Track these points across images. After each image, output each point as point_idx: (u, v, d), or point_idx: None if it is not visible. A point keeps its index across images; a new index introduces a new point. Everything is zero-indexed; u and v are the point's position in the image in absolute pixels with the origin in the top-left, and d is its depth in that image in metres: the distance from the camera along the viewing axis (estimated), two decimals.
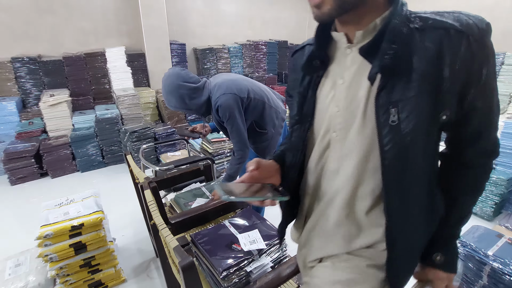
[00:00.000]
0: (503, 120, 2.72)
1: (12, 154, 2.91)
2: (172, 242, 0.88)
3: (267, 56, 5.25)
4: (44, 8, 3.52)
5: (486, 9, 3.75)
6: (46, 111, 3.24)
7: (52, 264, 1.48)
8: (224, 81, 1.52)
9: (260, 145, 1.70)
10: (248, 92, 1.53)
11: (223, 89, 1.48)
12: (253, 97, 1.55)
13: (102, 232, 1.57)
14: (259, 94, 1.59)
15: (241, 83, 1.54)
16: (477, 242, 1.67)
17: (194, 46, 4.75)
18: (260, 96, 1.59)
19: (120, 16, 4.02)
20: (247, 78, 1.66)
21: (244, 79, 1.61)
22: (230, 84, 1.51)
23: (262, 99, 1.59)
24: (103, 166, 3.45)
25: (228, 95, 1.46)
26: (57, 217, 1.51)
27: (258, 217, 1.23)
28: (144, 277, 1.84)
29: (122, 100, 3.57)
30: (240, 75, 1.71)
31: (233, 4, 5.05)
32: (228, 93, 1.46)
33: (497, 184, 2.39)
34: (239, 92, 1.49)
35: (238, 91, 1.49)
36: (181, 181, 1.77)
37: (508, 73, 3.41)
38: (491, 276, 1.58)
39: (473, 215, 2.54)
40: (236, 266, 0.96)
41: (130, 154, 1.75)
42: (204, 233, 1.14)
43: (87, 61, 3.71)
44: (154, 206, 1.09)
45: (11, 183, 2.99)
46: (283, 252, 1.09)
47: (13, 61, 3.33)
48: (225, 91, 1.47)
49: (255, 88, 1.59)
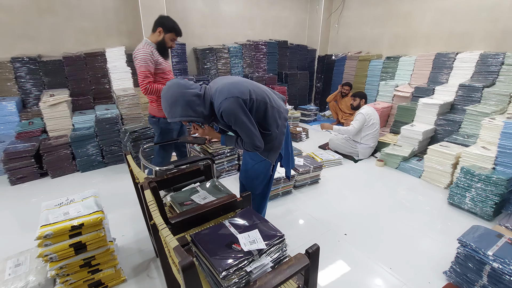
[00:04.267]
0: (503, 120, 2.72)
1: (12, 154, 2.91)
2: (172, 242, 0.88)
3: (267, 56, 5.25)
4: (44, 8, 3.52)
5: (486, 9, 3.76)
6: (46, 111, 3.24)
7: (52, 264, 1.48)
8: (225, 85, 1.51)
9: (265, 147, 1.67)
10: (250, 93, 1.52)
11: (225, 93, 1.46)
12: (255, 98, 1.54)
13: (102, 232, 1.57)
14: (261, 94, 1.58)
15: (242, 85, 1.53)
16: (477, 242, 1.66)
17: (194, 46, 4.75)
18: (261, 96, 1.58)
19: (120, 16, 4.02)
20: (247, 80, 1.64)
21: (245, 81, 1.60)
22: (231, 87, 1.49)
23: (264, 100, 1.58)
24: (103, 166, 3.45)
25: (230, 99, 1.45)
26: (57, 217, 1.51)
27: (258, 217, 1.23)
28: (144, 277, 1.84)
29: (122, 100, 3.57)
30: (239, 77, 1.70)
31: (233, 4, 5.05)
32: (230, 97, 1.45)
33: (497, 184, 2.39)
34: (241, 94, 1.48)
35: (240, 94, 1.48)
36: (181, 181, 1.77)
37: (508, 73, 3.41)
38: (491, 276, 1.58)
39: (473, 215, 2.54)
40: (236, 266, 0.96)
41: (130, 154, 1.75)
42: (204, 233, 1.14)
43: (87, 61, 3.72)
44: (154, 206, 1.09)
45: (11, 183, 2.99)
46: (283, 252, 1.09)
47: (13, 61, 3.33)
48: (227, 95, 1.46)
49: (256, 89, 1.58)
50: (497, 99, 3.31)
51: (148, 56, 2.19)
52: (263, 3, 5.39)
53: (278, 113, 1.66)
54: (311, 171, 2.99)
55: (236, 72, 4.96)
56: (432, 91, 3.94)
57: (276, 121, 1.64)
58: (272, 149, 1.70)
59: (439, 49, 4.26)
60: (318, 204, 2.69)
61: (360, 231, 2.32)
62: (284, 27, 5.80)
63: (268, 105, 1.59)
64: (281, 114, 1.68)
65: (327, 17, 5.90)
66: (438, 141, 3.41)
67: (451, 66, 3.95)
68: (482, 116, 3.13)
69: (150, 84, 2.20)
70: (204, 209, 1.33)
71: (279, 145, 1.71)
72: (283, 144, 1.77)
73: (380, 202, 2.75)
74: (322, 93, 6.24)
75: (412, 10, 4.60)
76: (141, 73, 2.18)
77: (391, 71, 4.78)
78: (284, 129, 1.72)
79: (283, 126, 1.71)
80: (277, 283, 0.93)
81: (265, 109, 1.58)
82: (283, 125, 1.71)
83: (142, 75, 2.18)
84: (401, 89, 4.37)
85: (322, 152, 3.70)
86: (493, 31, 3.74)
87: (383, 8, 5.03)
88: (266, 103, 1.58)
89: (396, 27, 4.89)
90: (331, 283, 1.81)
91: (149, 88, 2.20)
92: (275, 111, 1.64)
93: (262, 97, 1.57)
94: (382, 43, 5.18)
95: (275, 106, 1.64)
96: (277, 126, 1.65)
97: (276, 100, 1.70)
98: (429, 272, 1.90)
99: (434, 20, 4.34)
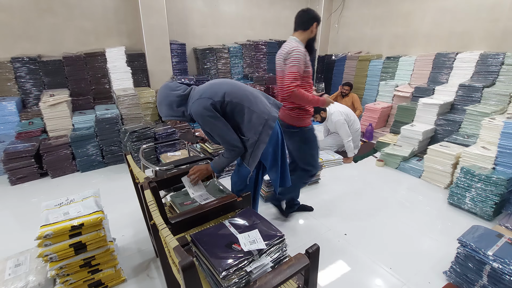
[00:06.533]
0: (503, 120, 2.72)
1: (12, 154, 2.91)
2: (172, 242, 0.88)
3: (267, 56, 5.25)
4: (44, 8, 3.52)
5: (486, 9, 3.76)
6: (46, 111, 3.24)
7: (52, 264, 1.48)
8: (204, 87, 1.54)
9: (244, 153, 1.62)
10: (224, 95, 1.49)
11: (198, 94, 1.50)
12: (229, 100, 1.50)
13: (102, 232, 1.57)
14: (239, 97, 1.52)
15: (219, 87, 1.53)
16: (477, 242, 1.66)
17: (194, 46, 4.75)
18: (239, 99, 1.52)
19: (120, 16, 4.02)
20: (231, 82, 1.60)
21: (225, 83, 1.57)
22: (207, 89, 1.52)
23: (241, 103, 1.52)
24: (103, 166, 3.45)
25: (200, 100, 1.47)
26: (57, 217, 1.51)
27: (258, 217, 1.23)
28: (144, 277, 1.84)
29: (122, 100, 3.57)
30: (227, 79, 1.65)
31: (233, 4, 5.05)
32: (201, 98, 1.47)
33: (497, 184, 2.39)
34: (212, 95, 1.48)
35: (211, 95, 1.48)
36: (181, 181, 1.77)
37: (508, 73, 3.41)
38: (491, 276, 1.58)
39: (473, 215, 2.54)
40: (236, 266, 0.96)
41: (130, 154, 1.75)
42: (204, 233, 1.14)
43: (87, 61, 3.72)
44: (154, 206, 1.09)
45: (11, 183, 2.99)
46: (283, 252, 1.09)
47: (13, 61, 3.33)
48: (199, 96, 1.48)
49: (236, 91, 1.53)
50: (497, 99, 3.31)
51: (302, 56, 1.91)
52: (263, 3, 5.39)
53: (260, 119, 1.54)
54: None
55: (236, 72, 4.96)
56: (432, 91, 3.93)
57: (255, 127, 1.54)
58: (250, 156, 1.60)
59: (439, 49, 4.26)
60: (318, 204, 2.69)
61: (360, 231, 2.32)
62: (284, 27, 5.80)
63: (246, 108, 1.52)
64: (264, 121, 1.54)
65: (327, 17, 5.90)
66: (438, 141, 3.41)
67: (451, 66, 3.95)
68: (482, 116, 3.13)
69: (297, 88, 1.90)
70: (204, 209, 1.33)
71: (258, 154, 1.60)
72: (269, 155, 1.68)
73: (380, 202, 2.75)
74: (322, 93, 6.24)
75: (412, 10, 4.60)
76: (291, 74, 1.88)
77: (391, 71, 4.78)
78: (266, 137, 1.56)
79: (265, 134, 1.56)
80: (277, 283, 0.93)
81: (242, 112, 1.53)
82: (266, 133, 1.55)
83: (292, 77, 1.88)
84: (401, 89, 4.37)
85: (322, 152, 3.70)
86: (493, 31, 3.74)
87: (383, 8, 5.03)
88: (243, 106, 1.52)
89: (396, 27, 4.89)
90: (331, 283, 1.81)
91: (296, 93, 1.89)
92: (255, 116, 1.53)
93: (239, 99, 1.52)
94: (382, 43, 5.17)
95: (257, 111, 1.53)
96: (256, 133, 1.54)
97: (263, 105, 1.58)
98: (429, 272, 1.90)
99: (434, 20, 4.34)
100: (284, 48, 1.98)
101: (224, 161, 1.60)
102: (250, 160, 1.61)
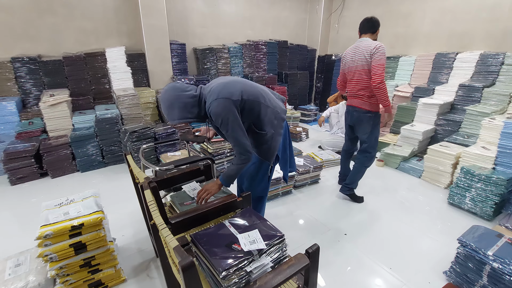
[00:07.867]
0: (503, 120, 2.72)
1: (12, 154, 2.91)
2: (172, 242, 0.88)
3: (267, 56, 5.25)
4: (44, 8, 3.52)
5: (486, 9, 3.76)
6: (46, 111, 3.24)
7: (52, 264, 1.48)
8: (217, 86, 1.52)
9: (261, 147, 1.68)
10: (241, 94, 1.51)
11: (215, 94, 1.48)
12: (247, 99, 1.52)
13: (102, 232, 1.57)
14: (254, 94, 1.57)
15: (234, 86, 1.53)
16: (477, 242, 1.66)
17: (194, 46, 4.75)
18: (255, 96, 1.57)
19: (120, 16, 4.02)
20: (241, 80, 1.63)
21: (238, 81, 1.59)
22: (222, 88, 1.50)
23: (257, 99, 1.57)
24: (103, 166, 3.45)
25: (220, 100, 1.45)
26: (57, 217, 1.51)
27: (258, 217, 1.23)
28: (144, 277, 1.84)
29: (122, 100, 3.57)
30: (235, 77, 1.69)
31: (233, 4, 5.05)
32: (220, 98, 1.46)
33: (497, 184, 2.39)
34: (230, 95, 1.47)
35: (229, 95, 1.47)
36: (181, 181, 1.77)
37: (508, 73, 3.41)
38: (491, 276, 1.58)
39: (473, 215, 2.54)
40: (236, 266, 0.96)
41: (130, 154, 1.75)
42: (204, 233, 1.14)
43: (87, 61, 3.72)
44: (154, 206, 1.09)
45: (11, 183, 2.99)
46: (283, 252, 1.09)
47: (13, 61, 3.33)
48: (217, 96, 1.47)
49: (250, 89, 1.57)
50: (497, 99, 3.31)
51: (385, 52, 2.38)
52: (263, 3, 5.39)
53: (274, 113, 1.65)
54: (311, 171, 2.99)
55: (236, 72, 4.96)
56: (432, 91, 3.93)
57: (271, 121, 1.64)
58: (269, 150, 1.69)
59: (439, 49, 4.26)
60: (318, 204, 2.69)
61: (360, 231, 2.32)
62: (284, 27, 5.80)
63: (262, 104, 1.59)
64: (277, 114, 1.67)
65: (327, 17, 5.90)
66: (438, 141, 3.41)
67: (451, 66, 3.95)
68: (482, 116, 3.13)
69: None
70: (204, 209, 1.33)
71: (276, 145, 1.70)
72: (280, 145, 1.76)
73: (380, 202, 2.75)
74: (322, 93, 6.24)
75: (412, 10, 4.60)
76: (381, 66, 2.31)
77: (391, 71, 4.78)
78: (280, 129, 1.71)
79: (280, 127, 1.70)
80: (277, 283, 0.93)
81: (258, 108, 1.58)
82: (280, 126, 1.70)
83: (381, 68, 2.32)
84: (401, 89, 4.37)
85: (322, 152, 3.70)
86: (493, 31, 3.74)
87: (383, 8, 5.03)
88: (259, 102, 1.58)
89: (396, 27, 4.89)
90: (331, 283, 1.81)
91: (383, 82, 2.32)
92: (270, 110, 1.63)
93: (255, 96, 1.57)
94: (382, 43, 5.16)
95: (270, 105, 1.64)
96: (272, 126, 1.65)
97: (273, 100, 1.69)
98: (429, 272, 1.90)
99: (434, 20, 4.34)
100: (367, 45, 2.38)
101: (234, 168, 1.55)
102: (269, 153, 1.70)
